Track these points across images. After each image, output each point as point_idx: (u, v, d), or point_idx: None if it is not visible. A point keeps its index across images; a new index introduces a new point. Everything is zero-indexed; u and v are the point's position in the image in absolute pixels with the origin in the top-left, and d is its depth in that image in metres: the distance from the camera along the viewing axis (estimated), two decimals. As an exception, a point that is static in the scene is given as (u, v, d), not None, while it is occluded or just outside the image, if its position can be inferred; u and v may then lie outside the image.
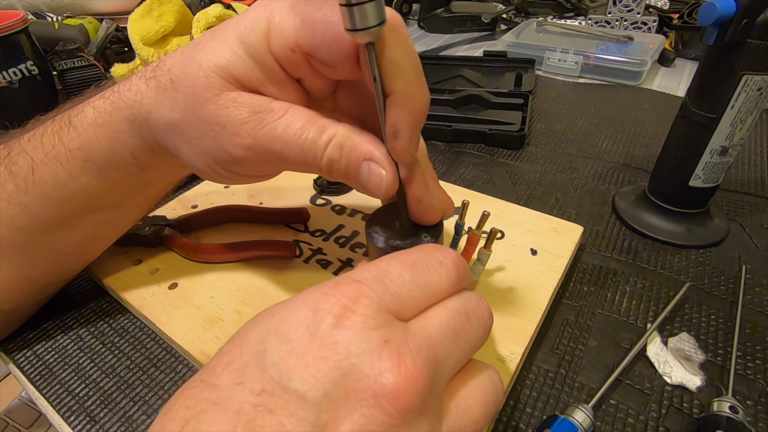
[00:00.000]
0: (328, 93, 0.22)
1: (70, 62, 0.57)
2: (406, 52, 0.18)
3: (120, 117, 0.23)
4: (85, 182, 0.25)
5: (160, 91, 0.22)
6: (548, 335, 0.29)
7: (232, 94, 0.20)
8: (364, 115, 0.23)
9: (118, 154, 0.24)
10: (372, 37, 0.16)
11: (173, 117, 0.21)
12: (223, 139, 0.20)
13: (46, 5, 0.82)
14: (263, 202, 0.39)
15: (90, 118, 0.24)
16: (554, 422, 0.23)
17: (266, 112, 0.20)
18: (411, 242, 0.22)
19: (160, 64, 0.22)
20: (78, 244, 0.28)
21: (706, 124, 0.31)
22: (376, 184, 0.20)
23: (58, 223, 0.26)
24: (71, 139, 0.24)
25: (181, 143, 0.22)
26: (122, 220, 0.29)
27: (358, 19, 0.15)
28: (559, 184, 0.43)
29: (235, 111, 0.20)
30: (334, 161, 0.20)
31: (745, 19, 0.27)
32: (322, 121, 0.20)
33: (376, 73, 0.17)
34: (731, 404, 0.23)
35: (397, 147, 0.19)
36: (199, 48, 0.20)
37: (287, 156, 0.20)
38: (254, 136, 0.20)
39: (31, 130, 0.26)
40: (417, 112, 0.19)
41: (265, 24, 0.19)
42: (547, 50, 0.67)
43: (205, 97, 0.20)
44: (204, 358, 0.26)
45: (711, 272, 0.33)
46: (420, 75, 0.19)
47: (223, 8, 0.57)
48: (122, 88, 0.23)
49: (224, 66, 0.19)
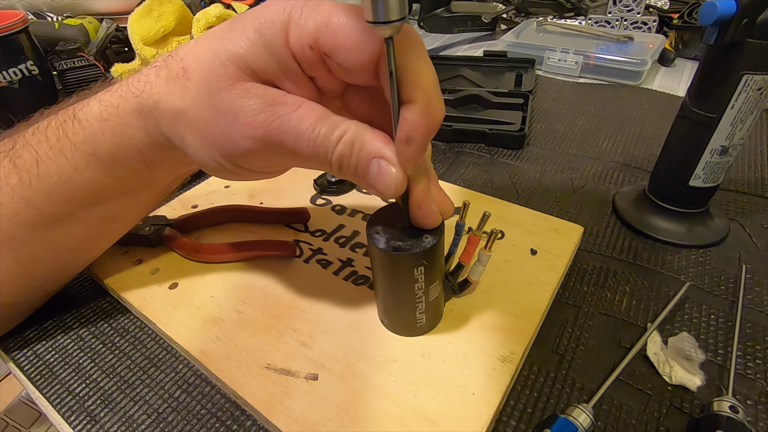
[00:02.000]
0: (339, 93, 0.22)
1: (70, 62, 0.58)
2: (426, 66, 0.19)
3: (127, 109, 0.23)
4: (90, 177, 0.25)
5: (171, 80, 0.21)
6: (548, 335, 0.29)
7: (247, 84, 0.20)
8: (372, 115, 0.23)
9: (124, 149, 0.24)
10: (393, 31, 0.17)
11: (182, 105, 0.21)
12: (234, 130, 0.20)
13: (47, 5, 0.82)
14: (263, 202, 0.39)
15: (95, 112, 0.24)
16: (554, 422, 0.23)
17: (280, 105, 0.20)
18: (412, 243, 0.22)
19: (173, 54, 0.22)
20: (81, 241, 0.28)
21: (706, 123, 0.31)
22: (385, 182, 0.20)
23: (62, 218, 0.26)
24: (76, 133, 0.24)
25: (188, 134, 0.22)
26: (126, 217, 0.29)
27: (382, 12, 0.16)
28: (559, 184, 0.43)
29: (249, 101, 0.20)
30: (345, 157, 0.20)
31: (745, 18, 0.27)
32: (334, 118, 0.20)
33: (393, 68, 0.18)
34: (731, 404, 0.23)
35: (407, 152, 0.19)
36: (215, 38, 0.20)
37: (298, 150, 0.20)
38: (267, 127, 0.20)
39: (35, 123, 0.26)
40: (433, 123, 0.19)
41: (286, 17, 0.19)
42: (547, 50, 0.67)
43: (219, 86, 0.20)
44: (204, 358, 0.26)
45: (711, 272, 0.33)
46: (438, 89, 0.19)
47: (224, 8, 0.57)
48: (131, 80, 0.23)
49: (241, 56, 0.19)
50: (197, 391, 0.27)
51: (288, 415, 0.23)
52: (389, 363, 0.25)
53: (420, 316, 0.26)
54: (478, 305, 0.28)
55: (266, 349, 0.27)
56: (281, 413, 0.23)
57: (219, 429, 0.25)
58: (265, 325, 0.28)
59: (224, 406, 0.26)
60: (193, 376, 0.27)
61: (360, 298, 0.30)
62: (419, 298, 0.24)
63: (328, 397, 0.24)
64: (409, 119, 0.19)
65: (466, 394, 0.24)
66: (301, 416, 0.23)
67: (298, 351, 0.26)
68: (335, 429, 0.23)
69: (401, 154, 0.19)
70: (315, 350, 0.26)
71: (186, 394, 0.26)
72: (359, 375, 0.25)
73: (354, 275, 0.31)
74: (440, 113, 0.19)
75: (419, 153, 0.19)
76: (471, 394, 0.24)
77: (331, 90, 0.22)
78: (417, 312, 0.25)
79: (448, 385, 0.24)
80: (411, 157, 0.19)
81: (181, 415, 0.25)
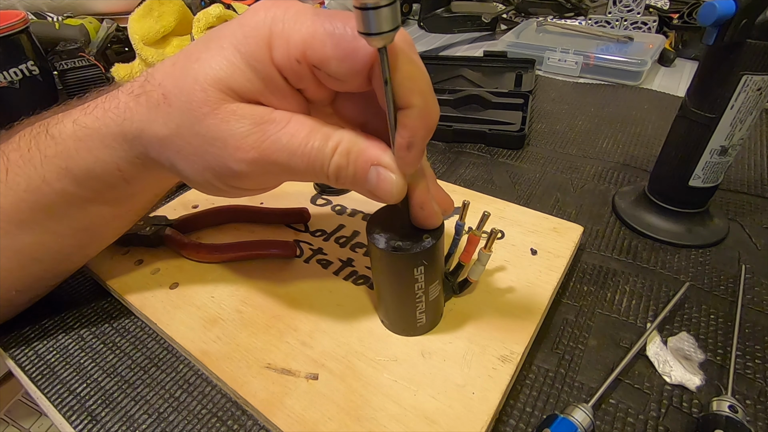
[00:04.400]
0: (329, 101, 0.22)
1: (70, 62, 0.57)
2: (419, 70, 0.18)
3: (106, 133, 0.22)
4: (60, 188, 0.24)
5: (152, 108, 0.21)
6: (548, 335, 0.29)
7: (232, 106, 0.19)
8: (365, 120, 0.22)
9: (100, 166, 0.23)
10: (386, 42, 0.16)
11: (168, 133, 0.20)
12: (225, 155, 0.19)
13: (47, 5, 0.82)
14: (264, 203, 0.39)
15: (69, 131, 0.23)
16: (554, 421, 0.23)
17: (268, 123, 0.19)
18: (412, 243, 0.22)
19: (149, 78, 0.21)
20: (50, 252, 0.27)
21: (706, 124, 0.31)
22: (386, 189, 0.20)
23: (29, 226, 0.25)
24: (47, 147, 0.23)
25: (179, 159, 0.21)
26: (103, 230, 0.28)
27: (374, 23, 0.15)
28: (559, 184, 0.43)
29: (236, 124, 0.19)
30: (342, 168, 0.19)
31: (745, 19, 0.27)
32: (326, 129, 0.19)
33: (387, 76, 0.17)
34: (731, 404, 0.23)
35: (408, 158, 0.19)
36: (192, 59, 0.20)
37: (293, 166, 0.19)
38: (258, 148, 0.19)
39: (17, 132, 0.25)
40: (431, 125, 0.19)
41: (267, 32, 0.18)
42: (547, 50, 0.67)
43: (203, 112, 0.19)
44: (205, 358, 0.27)
45: (711, 272, 0.33)
46: (432, 91, 0.19)
47: (224, 8, 0.57)
48: (108, 105, 0.22)
49: (221, 78, 0.19)
50: (198, 390, 0.27)
51: (288, 415, 0.23)
52: (389, 362, 0.26)
53: (420, 315, 0.26)
54: (478, 305, 0.28)
55: (267, 348, 0.27)
56: (282, 413, 0.24)
57: (219, 429, 0.25)
58: (265, 325, 0.28)
59: (225, 406, 0.26)
60: (193, 375, 0.27)
61: (360, 298, 0.30)
62: (419, 297, 0.24)
63: (328, 396, 0.24)
64: (409, 125, 0.18)
65: (466, 394, 0.24)
66: (302, 416, 0.23)
67: (298, 351, 0.27)
68: (335, 428, 0.23)
69: (402, 160, 0.19)
70: (315, 350, 0.27)
71: (187, 394, 0.27)
72: (359, 374, 0.25)
73: (354, 275, 0.31)
74: (437, 114, 0.19)
75: (420, 157, 0.19)
76: (471, 394, 0.24)
77: (321, 99, 0.21)
78: (417, 312, 0.25)
79: (448, 384, 0.24)
80: (412, 162, 0.19)
81: (182, 414, 0.25)
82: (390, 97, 0.18)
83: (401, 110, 0.18)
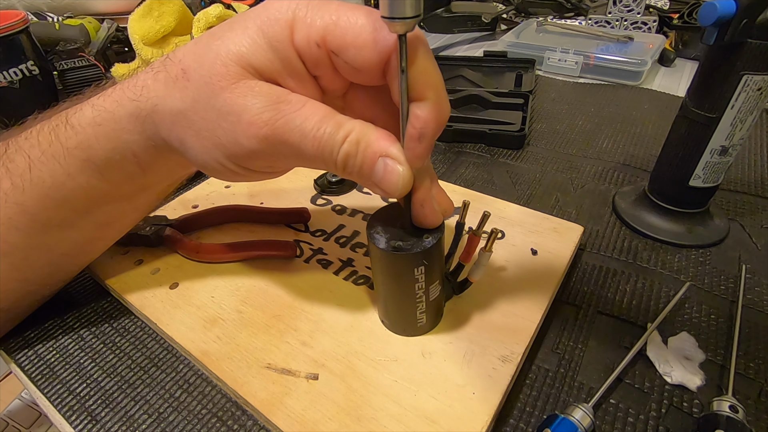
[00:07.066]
0: (341, 92, 0.22)
1: (70, 62, 0.58)
2: (434, 66, 0.19)
3: (122, 113, 0.23)
4: (84, 182, 0.24)
5: (169, 82, 0.21)
6: (548, 335, 0.29)
7: (250, 82, 0.19)
8: (374, 115, 0.23)
9: (119, 153, 0.24)
10: (407, 28, 0.17)
11: (183, 107, 0.21)
12: (237, 130, 0.20)
13: (47, 5, 0.82)
14: (264, 202, 0.39)
15: (89, 117, 0.23)
16: (554, 421, 0.23)
17: (284, 103, 0.19)
18: (412, 243, 0.22)
19: (171, 56, 0.22)
20: (76, 245, 0.28)
21: (706, 124, 0.31)
22: (392, 181, 0.20)
23: (57, 223, 0.25)
24: (68, 138, 0.24)
25: (189, 136, 0.21)
26: (122, 221, 0.29)
27: (398, 8, 0.16)
28: (559, 184, 0.43)
29: (253, 100, 0.19)
30: (350, 156, 0.20)
31: (745, 19, 0.27)
32: (339, 117, 0.20)
33: (404, 65, 0.18)
34: (731, 404, 0.23)
35: (418, 150, 0.19)
36: (215, 38, 0.20)
37: (303, 149, 0.20)
38: (271, 126, 0.19)
39: (29, 127, 0.25)
40: (442, 121, 0.19)
41: (290, 15, 0.19)
42: (547, 50, 0.67)
43: (221, 85, 0.19)
44: (205, 358, 0.27)
45: (711, 272, 0.33)
46: (445, 89, 0.20)
47: (224, 8, 0.57)
48: (126, 85, 0.23)
49: (243, 54, 0.19)
50: (198, 390, 0.27)
51: (288, 415, 0.23)
52: (390, 362, 0.26)
53: (420, 315, 0.26)
54: (478, 305, 0.28)
55: (267, 348, 0.27)
56: (282, 413, 0.24)
57: (220, 429, 0.25)
58: (265, 325, 0.28)
59: (225, 406, 0.26)
60: (193, 375, 0.27)
61: (360, 298, 0.30)
62: (419, 297, 0.24)
63: (328, 396, 0.24)
64: (421, 116, 0.19)
65: (466, 394, 0.24)
66: (302, 416, 0.23)
67: (298, 351, 0.27)
68: (336, 428, 0.23)
69: (412, 152, 0.19)
70: (315, 350, 0.27)
71: (187, 394, 0.26)
72: (360, 374, 0.25)
73: (354, 275, 0.31)
74: (448, 111, 0.20)
75: (429, 150, 0.20)
76: (471, 394, 0.24)
77: (335, 89, 0.22)
78: (417, 312, 0.25)
79: (448, 384, 0.24)
80: (421, 154, 0.20)
81: (182, 414, 0.25)
82: (404, 87, 0.18)
83: (414, 102, 0.19)
